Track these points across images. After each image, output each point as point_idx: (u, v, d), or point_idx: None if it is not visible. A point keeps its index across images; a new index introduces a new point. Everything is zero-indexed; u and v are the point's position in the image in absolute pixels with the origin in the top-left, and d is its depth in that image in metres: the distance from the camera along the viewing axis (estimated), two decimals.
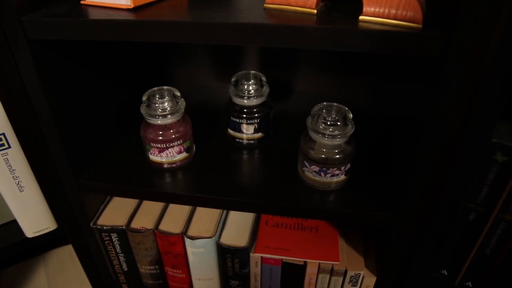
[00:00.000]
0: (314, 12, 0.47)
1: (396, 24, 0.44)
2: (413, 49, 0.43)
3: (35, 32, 0.51)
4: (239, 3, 0.53)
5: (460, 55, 0.42)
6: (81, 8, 0.53)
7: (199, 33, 0.46)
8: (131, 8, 0.51)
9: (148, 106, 0.63)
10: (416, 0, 0.43)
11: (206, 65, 0.95)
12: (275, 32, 0.44)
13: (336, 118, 0.59)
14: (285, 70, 0.92)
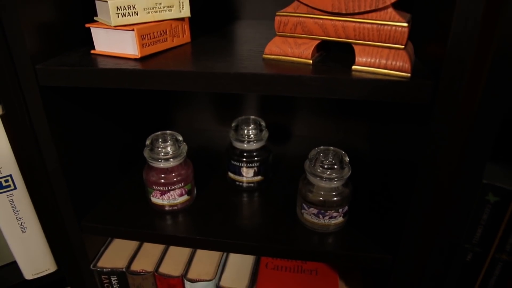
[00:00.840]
0: (309, 62, 0.51)
1: (387, 73, 0.47)
2: (403, 96, 0.46)
3: (47, 79, 0.54)
4: (239, 53, 0.56)
5: (446, 102, 0.45)
6: (91, 57, 0.57)
7: (202, 82, 0.49)
8: (138, 58, 0.54)
9: (151, 150, 0.65)
10: (404, 51, 0.46)
11: (207, 110, 0.98)
12: (273, 82, 0.47)
13: (333, 162, 0.61)
14: (283, 115, 0.96)
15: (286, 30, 0.51)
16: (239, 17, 0.86)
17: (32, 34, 0.52)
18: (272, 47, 0.53)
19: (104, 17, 0.57)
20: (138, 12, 0.55)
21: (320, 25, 0.49)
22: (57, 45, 0.58)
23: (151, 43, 0.56)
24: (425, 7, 0.52)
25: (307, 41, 0.50)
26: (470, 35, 0.41)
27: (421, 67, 0.50)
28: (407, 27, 0.45)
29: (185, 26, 0.62)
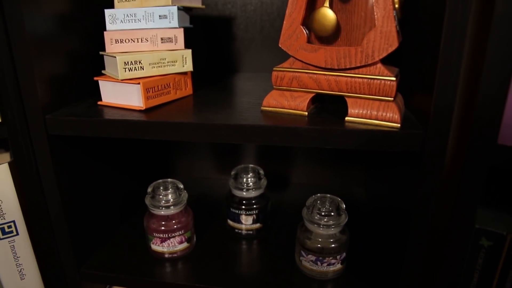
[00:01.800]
0: (305, 114, 0.53)
1: (378, 124, 0.50)
2: (393, 146, 0.48)
3: (56, 128, 0.57)
4: (239, 105, 0.59)
5: (435, 150, 0.47)
6: (98, 108, 0.60)
7: (203, 133, 0.52)
8: (143, 109, 0.57)
9: (153, 197, 0.67)
10: (393, 103, 0.49)
11: (207, 158, 1.01)
12: (271, 132, 0.50)
13: (330, 209, 0.63)
14: (281, 163, 0.98)
15: (282, 84, 0.54)
16: (238, 70, 0.90)
17: (44, 85, 0.56)
18: (269, 100, 0.56)
19: (112, 70, 0.60)
20: (144, 66, 0.58)
21: (315, 80, 0.52)
22: (67, 96, 0.61)
23: (155, 95, 0.59)
24: (412, 62, 0.55)
25: (302, 94, 0.54)
26: (454, 86, 0.44)
27: (411, 117, 0.53)
28: (395, 81, 0.48)
29: (188, 79, 0.66)
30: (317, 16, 0.50)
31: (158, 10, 0.61)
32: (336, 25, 0.50)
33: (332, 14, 0.49)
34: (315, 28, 0.51)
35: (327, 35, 0.51)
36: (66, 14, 0.60)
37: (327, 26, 0.50)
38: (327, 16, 0.49)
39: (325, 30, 0.50)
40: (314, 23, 0.50)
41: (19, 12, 0.51)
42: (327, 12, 0.49)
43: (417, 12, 0.54)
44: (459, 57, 0.44)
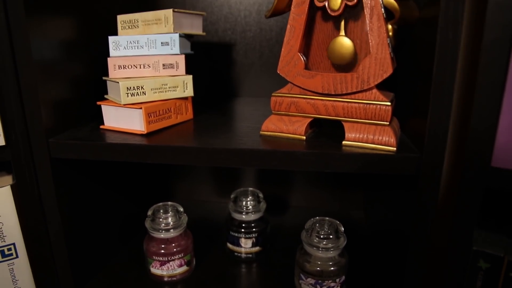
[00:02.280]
0: (303, 138, 0.55)
1: (374, 147, 0.51)
2: (390, 169, 0.49)
3: (58, 152, 0.58)
4: (238, 130, 0.61)
5: (431, 173, 0.48)
6: (100, 132, 0.61)
7: (203, 157, 0.53)
8: (145, 133, 0.59)
9: (153, 220, 0.68)
10: (389, 127, 0.51)
11: (207, 182, 1.01)
12: (270, 156, 0.51)
13: (328, 232, 0.63)
14: (280, 186, 0.99)
15: (281, 109, 0.56)
16: (238, 95, 0.92)
17: (48, 110, 0.57)
18: (268, 124, 0.57)
19: (115, 95, 0.62)
20: (146, 92, 0.60)
21: (312, 105, 0.53)
22: (70, 120, 0.63)
23: (157, 120, 0.60)
24: (407, 87, 0.57)
25: (300, 119, 0.55)
26: (447, 110, 0.46)
27: (407, 141, 0.54)
28: (391, 106, 0.50)
29: (188, 104, 0.67)
30: (335, 45, 0.51)
31: (160, 37, 0.63)
32: (353, 53, 0.51)
33: (349, 42, 0.50)
34: (333, 58, 0.52)
35: (346, 63, 0.52)
36: (71, 40, 0.62)
37: (345, 54, 0.51)
38: (344, 44, 0.51)
39: (343, 58, 0.51)
40: (332, 53, 0.51)
41: (27, 40, 0.53)
42: (344, 40, 0.51)
43: (410, 39, 0.55)
44: (451, 82, 0.45)
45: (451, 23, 0.43)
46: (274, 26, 0.87)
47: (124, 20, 0.66)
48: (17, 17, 0.52)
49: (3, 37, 0.53)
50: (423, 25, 0.50)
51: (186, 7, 0.89)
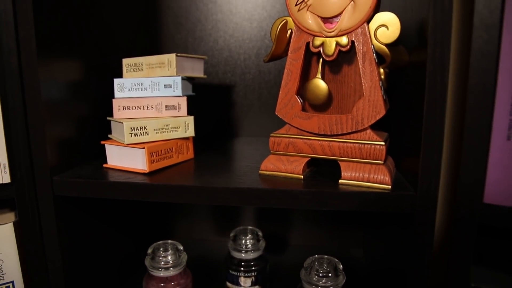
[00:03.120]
0: (301, 177, 0.56)
1: (370, 186, 0.52)
2: (386, 207, 0.50)
3: (62, 189, 0.59)
4: (238, 169, 0.62)
5: (426, 210, 0.49)
6: (103, 171, 0.63)
7: (203, 196, 0.54)
8: (147, 172, 0.60)
9: (152, 259, 0.68)
10: (384, 165, 0.52)
11: (207, 220, 1.02)
12: (269, 195, 0.53)
13: (327, 270, 0.64)
14: (279, 225, 0.99)
15: (279, 149, 0.58)
16: (238, 135, 0.95)
17: (53, 148, 0.59)
18: (267, 164, 0.59)
19: (118, 135, 0.64)
20: (148, 132, 0.62)
21: (309, 145, 0.55)
22: (74, 158, 0.64)
23: (159, 159, 0.62)
24: (400, 126, 0.59)
25: (298, 158, 0.57)
26: (439, 149, 0.48)
27: (402, 179, 0.55)
28: (385, 145, 0.52)
29: (189, 144, 0.69)
30: (310, 86, 0.54)
31: (164, 80, 0.65)
32: (328, 94, 0.54)
33: (323, 84, 0.54)
34: (308, 98, 0.55)
35: (320, 103, 0.55)
36: (78, 82, 0.65)
37: (320, 95, 0.54)
38: (319, 86, 0.54)
39: (318, 99, 0.54)
40: (307, 93, 0.55)
41: (37, 81, 0.55)
42: (319, 82, 0.54)
43: (402, 82, 0.58)
44: (441, 122, 0.47)
45: (438, 67, 0.46)
46: (272, 68, 0.91)
47: (129, 63, 0.69)
48: (29, 60, 0.55)
49: (15, 78, 0.55)
50: (413, 69, 0.53)
51: (188, 51, 0.93)
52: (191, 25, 0.92)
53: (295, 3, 0.53)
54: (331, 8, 0.51)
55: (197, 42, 0.93)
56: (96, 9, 0.70)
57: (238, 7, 0.90)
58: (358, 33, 0.51)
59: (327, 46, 0.53)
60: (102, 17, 0.72)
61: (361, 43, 0.51)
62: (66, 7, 0.61)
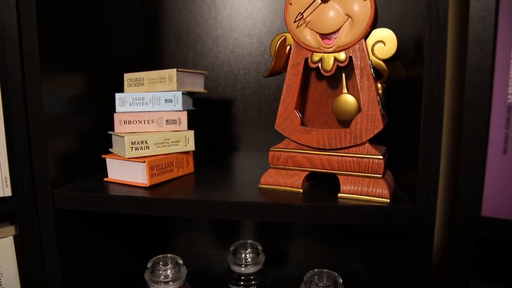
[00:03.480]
0: (300, 191, 0.57)
1: (369, 199, 0.53)
2: (385, 220, 0.51)
3: (63, 203, 0.59)
4: (237, 183, 0.63)
5: (424, 223, 0.50)
6: (104, 184, 0.63)
7: (204, 209, 0.55)
8: (147, 186, 0.61)
9: (152, 273, 0.68)
10: (382, 179, 0.53)
11: (206, 234, 1.02)
12: (268, 209, 0.53)
13: (327, 284, 0.64)
14: (279, 238, 0.99)
15: (279, 163, 0.58)
16: (238, 149, 0.95)
17: (55, 162, 0.60)
18: (266, 178, 0.59)
19: (119, 149, 0.65)
20: (149, 146, 0.63)
21: (308, 159, 0.56)
22: (75, 172, 0.65)
23: (159, 173, 0.62)
24: (398, 140, 0.60)
25: (297, 172, 0.57)
26: (436, 162, 0.48)
27: (400, 193, 0.56)
28: (383, 159, 0.52)
29: (190, 158, 0.70)
30: (339, 103, 0.54)
31: (164, 95, 0.66)
32: (357, 109, 0.53)
33: (352, 99, 0.53)
34: (338, 115, 0.55)
35: (350, 119, 0.54)
36: (80, 96, 0.66)
37: (350, 110, 0.54)
38: (348, 101, 0.54)
39: (348, 115, 0.54)
40: (337, 110, 0.54)
41: (39, 96, 0.56)
42: (348, 98, 0.54)
43: (399, 96, 0.59)
44: (438, 135, 0.48)
45: (435, 82, 0.47)
46: (272, 83, 0.92)
47: (130, 78, 0.70)
48: (32, 74, 0.56)
49: (18, 93, 0.56)
50: (410, 84, 0.54)
51: (188, 66, 0.94)
52: (191, 40, 0.94)
53: (294, 20, 0.54)
54: (329, 24, 0.52)
55: (197, 57, 0.94)
56: (98, 25, 0.71)
57: (238, 23, 0.92)
58: (355, 49, 0.52)
59: (325, 61, 0.54)
60: (104, 32, 0.73)
61: (359, 59, 0.52)
62: (69, 22, 0.62)
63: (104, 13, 0.73)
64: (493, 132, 0.45)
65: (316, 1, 0.52)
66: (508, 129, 0.45)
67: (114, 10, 0.78)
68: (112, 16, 0.77)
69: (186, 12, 0.93)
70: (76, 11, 0.64)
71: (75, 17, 0.64)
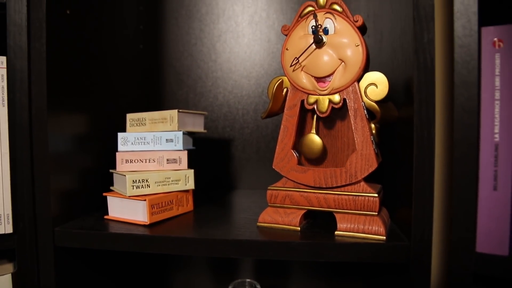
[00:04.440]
0: (298, 229, 0.58)
1: (365, 237, 0.53)
2: (381, 257, 0.51)
3: (63, 240, 0.60)
4: (236, 221, 0.64)
5: (420, 260, 0.50)
6: (104, 222, 0.64)
7: (203, 248, 0.55)
8: (147, 224, 0.61)
9: None
10: (378, 217, 0.54)
11: (205, 272, 1.01)
12: (266, 247, 0.54)
13: None
14: (278, 276, 0.98)
15: (276, 202, 0.59)
16: (236, 187, 0.96)
17: (57, 200, 0.61)
18: (265, 216, 0.60)
19: (120, 187, 0.66)
20: (150, 184, 0.64)
21: (306, 197, 0.57)
22: (76, 209, 0.66)
23: (159, 211, 0.63)
24: (392, 179, 0.61)
25: (295, 211, 0.58)
26: (429, 200, 0.49)
27: (396, 230, 0.57)
28: (378, 197, 0.54)
29: (189, 196, 0.71)
30: (306, 141, 0.57)
31: (166, 135, 0.68)
32: (322, 149, 0.57)
33: (318, 139, 0.57)
34: (304, 152, 0.57)
35: (315, 157, 0.57)
36: (83, 135, 0.68)
37: (315, 149, 0.57)
38: (314, 141, 0.57)
39: (313, 153, 0.57)
40: (303, 147, 0.57)
41: (45, 135, 0.58)
42: (314, 137, 0.57)
43: (393, 136, 0.61)
44: (431, 174, 0.49)
45: (425, 123, 0.49)
46: (270, 123, 0.94)
47: (132, 118, 0.72)
48: (39, 115, 0.58)
49: (24, 132, 0.58)
50: (402, 124, 0.56)
51: (189, 106, 0.97)
52: (192, 82, 0.97)
53: (290, 64, 0.57)
54: (324, 68, 0.55)
55: (197, 98, 0.97)
56: (102, 67, 0.74)
57: (237, 65, 0.95)
58: (349, 91, 0.55)
59: (320, 103, 0.56)
60: (108, 74, 0.76)
61: (352, 101, 0.54)
62: (75, 64, 0.65)
63: (108, 56, 0.77)
64: (483, 170, 0.47)
65: (311, 46, 0.56)
66: (496, 166, 0.47)
67: (118, 53, 0.81)
68: (116, 59, 0.80)
69: (187, 55, 0.97)
70: (82, 54, 0.67)
71: (81, 60, 0.67)
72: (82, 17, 0.67)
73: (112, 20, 0.79)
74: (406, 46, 0.54)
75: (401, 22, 0.57)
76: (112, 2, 0.79)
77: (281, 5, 0.94)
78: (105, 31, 0.75)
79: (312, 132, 0.58)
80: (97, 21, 0.72)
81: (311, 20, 0.56)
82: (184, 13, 0.97)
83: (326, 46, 0.55)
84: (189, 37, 0.97)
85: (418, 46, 0.49)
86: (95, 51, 0.71)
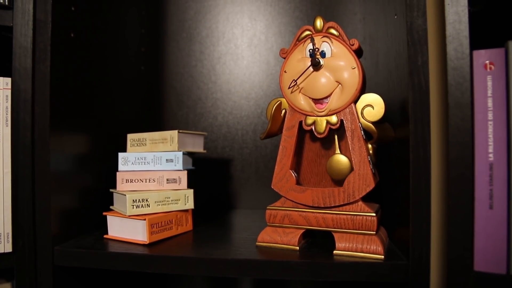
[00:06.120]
0: (296, 248, 0.58)
1: (363, 256, 0.54)
2: (380, 277, 0.52)
3: (62, 260, 0.60)
4: (235, 241, 0.64)
5: (419, 280, 0.50)
6: (104, 241, 0.64)
7: (202, 267, 0.56)
8: (147, 243, 0.62)
9: None
10: (376, 236, 0.54)
11: None
12: (265, 266, 0.54)
13: None
14: None
15: (275, 221, 0.60)
16: (235, 207, 0.97)
17: (57, 218, 0.61)
18: (264, 236, 0.61)
19: (120, 207, 0.66)
20: (150, 204, 0.64)
21: (304, 217, 0.58)
22: (75, 228, 0.66)
23: (159, 231, 0.64)
24: (390, 198, 0.62)
25: (293, 230, 0.59)
26: (427, 219, 0.50)
27: (394, 249, 0.57)
28: (376, 216, 0.54)
29: (189, 216, 0.71)
30: (332, 163, 0.57)
31: (166, 155, 0.69)
32: (350, 168, 0.56)
33: (344, 158, 0.56)
34: (332, 174, 0.57)
35: (343, 178, 0.56)
36: (84, 155, 0.69)
37: (343, 170, 0.56)
38: (341, 161, 0.57)
39: (341, 174, 0.57)
40: (330, 170, 0.57)
41: (47, 154, 0.59)
42: (341, 158, 0.57)
43: (390, 156, 0.62)
44: (427, 193, 0.50)
45: (420, 143, 0.50)
46: (268, 143, 0.95)
47: (133, 138, 0.73)
48: (42, 134, 0.59)
49: (27, 151, 0.59)
50: (399, 144, 0.57)
51: (188, 126, 0.98)
52: (192, 102, 0.98)
53: (288, 86, 0.58)
54: (321, 90, 0.56)
55: (197, 118, 0.98)
56: (104, 88, 0.76)
57: (237, 87, 0.97)
58: (346, 112, 0.56)
59: (318, 124, 0.57)
60: (109, 94, 0.78)
61: (350, 122, 0.56)
62: (77, 85, 0.66)
63: (110, 77, 0.78)
64: (478, 189, 0.48)
65: (309, 69, 0.57)
66: (492, 185, 0.47)
67: (120, 75, 0.83)
68: (118, 80, 0.82)
69: (187, 76, 0.99)
70: (85, 75, 0.69)
71: (83, 81, 0.68)
72: (86, 40, 0.69)
73: (114, 43, 0.81)
74: (401, 68, 0.56)
75: (396, 45, 0.59)
76: (114, 25, 0.81)
77: (279, 28, 0.96)
78: (107, 53, 0.77)
79: (337, 152, 0.58)
80: (100, 44, 0.74)
81: (308, 44, 0.58)
82: (185, 36, 0.99)
83: (323, 68, 0.56)
84: (189, 59, 0.99)
85: (413, 68, 0.50)
86: (97, 73, 0.73)
